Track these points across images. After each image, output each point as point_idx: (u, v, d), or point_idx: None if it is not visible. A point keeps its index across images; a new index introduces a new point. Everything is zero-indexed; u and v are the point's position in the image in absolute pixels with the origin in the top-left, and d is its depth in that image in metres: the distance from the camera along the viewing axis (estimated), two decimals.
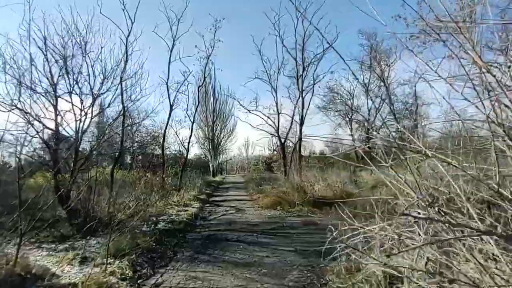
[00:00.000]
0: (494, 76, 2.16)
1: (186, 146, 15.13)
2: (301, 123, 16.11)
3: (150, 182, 11.94)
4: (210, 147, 39.06)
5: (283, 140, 18.51)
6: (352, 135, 22.32)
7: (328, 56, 16.70)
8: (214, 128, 39.81)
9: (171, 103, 15.05)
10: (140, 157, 32.96)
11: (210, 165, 39.13)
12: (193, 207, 10.30)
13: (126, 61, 9.23)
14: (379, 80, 16.43)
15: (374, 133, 22.75)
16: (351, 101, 22.29)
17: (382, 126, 18.35)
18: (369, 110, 17.33)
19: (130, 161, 27.81)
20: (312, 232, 6.12)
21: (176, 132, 15.17)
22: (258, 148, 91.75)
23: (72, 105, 6.98)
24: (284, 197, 9.57)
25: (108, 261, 3.91)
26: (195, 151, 50.47)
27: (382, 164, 2.37)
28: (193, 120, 15.01)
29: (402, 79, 14.69)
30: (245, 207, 10.09)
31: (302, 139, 16.55)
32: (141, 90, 9.74)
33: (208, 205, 11.23)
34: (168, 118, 15.23)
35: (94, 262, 3.95)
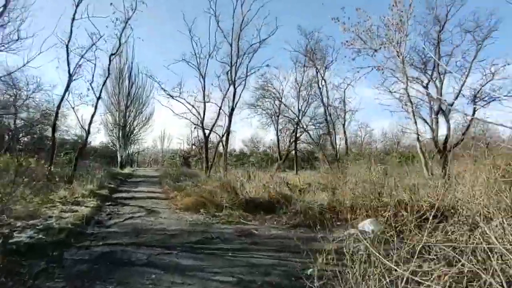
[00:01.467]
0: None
1: (87, 128, 11.98)
2: (231, 115, 14.65)
3: (26, 171, 8.76)
4: (120, 135, 34.47)
5: (207, 133, 16.74)
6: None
7: (263, 50, 15.69)
8: (127, 114, 35.33)
9: (71, 72, 11.81)
10: (26, 138, 26.73)
11: (118, 156, 34.54)
12: (86, 206, 7.77)
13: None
14: (313, 81, 16.20)
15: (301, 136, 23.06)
16: (280, 101, 21.91)
17: (307, 129, 18.33)
18: (299, 111, 17.02)
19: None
20: (253, 248, 4.65)
21: (73, 108, 11.90)
22: (176, 141, 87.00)
23: None
24: (209, 198, 7.90)
25: None
26: (101, 138, 44.39)
27: None
28: (99, 95, 12.01)
29: (333, 83, 14.68)
30: (159, 208, 8.06)
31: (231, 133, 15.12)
32: (19, 38, 6.78)
33: (109, 203, 8.76)
34: (65, 91, 11.94)
35: None
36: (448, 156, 11.25)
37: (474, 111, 11.88)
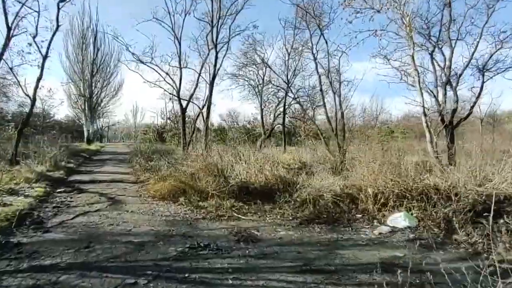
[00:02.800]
0: None
1: (32, 95, 9.61)
2: (212, 83, 12.70)
3: None
4: (86, 107, 31.39)
5: (184, 104, 14.76)
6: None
7: (247, 12, 13.55)
8: (93, 84, 32.04)
9: (9, 24, 9.34)
10: None
11: (85, 130, 31.66)
12: (27, 196, 5.94)
13: None
14: (305, 47, 14.38)
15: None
16: (267, 65, 20.04)
17: (298, 100, 16.75)
18: (288, 81, 15.30)
19: None
20: (263, 265, 3.15)
21: (11, 69, 9.45)
22: (149, 114, 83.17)
23: None
24: (191, 183, 6.27)
25: None
26: (66, 111, 40.73)
27: None
28: (46, 53, 9.58)
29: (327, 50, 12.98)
30: (127, 196, 6.36)
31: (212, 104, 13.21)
32: None
33: (62, 190, 6.91)
34: (3, 48, 9.51)
35: None
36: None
37: (483, 83, 10.82)
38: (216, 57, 12.66)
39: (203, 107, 13.65)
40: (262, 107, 20.15)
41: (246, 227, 4.39)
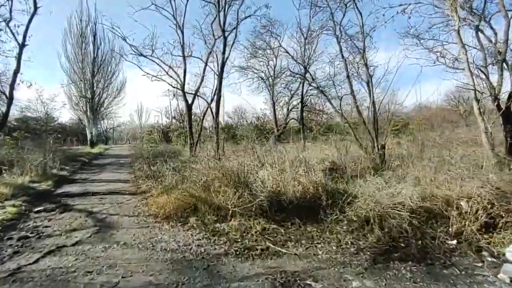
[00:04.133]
0: None
1: (8, 92, 8.05)
2: (221, 73, 11.10)
3: None
4: (88, 108, 30.18)
5: (190, 100, 13.25)
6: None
7: None
8: (95, 84, 30.82)
9: None
10: None
11: (88, 132, 30.50)
12: None
13: None
14: (323, 29, 12.68)
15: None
16: (274, 61, 18.42)
17: (321, 88, 15.06)
18: (305, 67, 13.57)
19: None
20: None
21: None
22: (154, 114, 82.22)
23: None
24: (203, 196, 4.76)
25: None
26: (69, 115, 39.66)
27: None
28: (23, 41, 7.94)
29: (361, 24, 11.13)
30: (121, 216, 4.85)
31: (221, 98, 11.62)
32: None
33: (41, 208, 5.44)
34: None
35: None
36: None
37: None
38: (225, 44, 11.11)
39: (211, 101, 12.11)
40: (274, 101, 18.54)
41: (293, 272, 2.86)
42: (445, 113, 20.78)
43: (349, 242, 3.50)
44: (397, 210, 3.69)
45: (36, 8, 7.61)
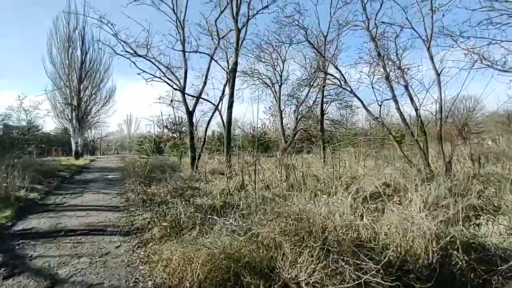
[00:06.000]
0: None
1: None
2: (234, 69, 9.11)
3: None
4: (73, 116, 27.92)
5: (191, 107, 11.35)
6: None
7: None
8: (82, 91, 28.66)
9: None
10: None
11: (73, 142, 28.14)
12: None
13: None
14: (354, 21, 10.89)
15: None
16: (281, 66, 16.77)
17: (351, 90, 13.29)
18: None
19: None
20: None
21: None
22: (144, 123, 79.71)
23: None
24: (253, 257, 2.82)
25: None
26: (54, 124, 37.04)
27: None
28: None
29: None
30: None
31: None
32: None
33: None
34: None
35: None
36: None
37: None
38: (238, 37, 9.29)
39: (218, 103, 10.10)
40: (281, 108, 16.80)
41: None
42: None
43: None
44: None
45: None
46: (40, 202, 7.11)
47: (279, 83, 16.77)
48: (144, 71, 9.70)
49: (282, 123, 16.56)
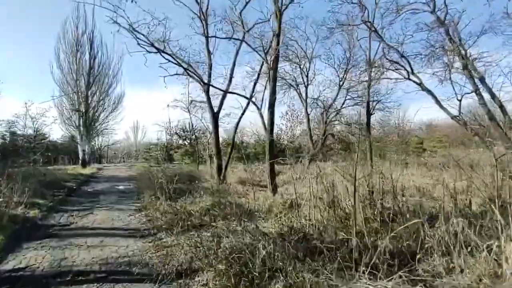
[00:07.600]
0: None
1: None
2: (276, 66, 7.62)
3: None
4: (81, 123, 26.74)
5: (216, 109, 9.91)
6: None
7: None
8: (89, 97, 27.56)
9: None
10: None
11: (80, 150, 26.89)
12: None
13: None
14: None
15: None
16: (309, 65, 15.36)
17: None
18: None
19: None
20: None
21: None
22: (153, 129, 78.71)
23: None
24: None
25: None
26: (61, 131, 35.89)
27: None
28: None
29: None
30: None
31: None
32: None
33: None
34: None
35: None
36: None
37: None
38: (280, 21, 7.76)
39: (250, 96, 8.53)
40: (308, 110, 15.30)
41: None
42: None
43: None
44: None
45: None
46: (41, 222, 5.60)
47: (305, 84, 15.30)
48: (169, 61, 8.27)
49: (310, 127, 15.04)
